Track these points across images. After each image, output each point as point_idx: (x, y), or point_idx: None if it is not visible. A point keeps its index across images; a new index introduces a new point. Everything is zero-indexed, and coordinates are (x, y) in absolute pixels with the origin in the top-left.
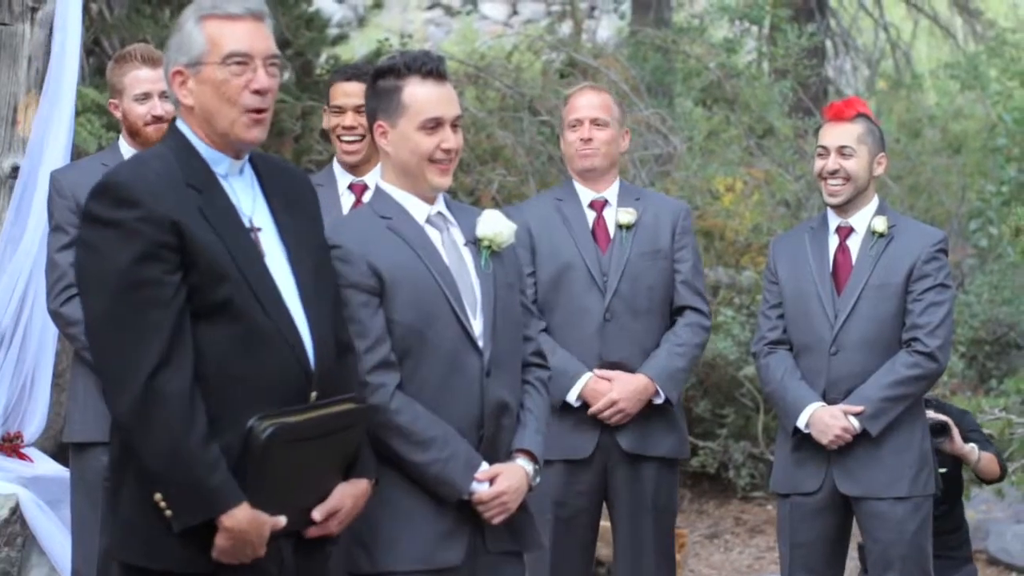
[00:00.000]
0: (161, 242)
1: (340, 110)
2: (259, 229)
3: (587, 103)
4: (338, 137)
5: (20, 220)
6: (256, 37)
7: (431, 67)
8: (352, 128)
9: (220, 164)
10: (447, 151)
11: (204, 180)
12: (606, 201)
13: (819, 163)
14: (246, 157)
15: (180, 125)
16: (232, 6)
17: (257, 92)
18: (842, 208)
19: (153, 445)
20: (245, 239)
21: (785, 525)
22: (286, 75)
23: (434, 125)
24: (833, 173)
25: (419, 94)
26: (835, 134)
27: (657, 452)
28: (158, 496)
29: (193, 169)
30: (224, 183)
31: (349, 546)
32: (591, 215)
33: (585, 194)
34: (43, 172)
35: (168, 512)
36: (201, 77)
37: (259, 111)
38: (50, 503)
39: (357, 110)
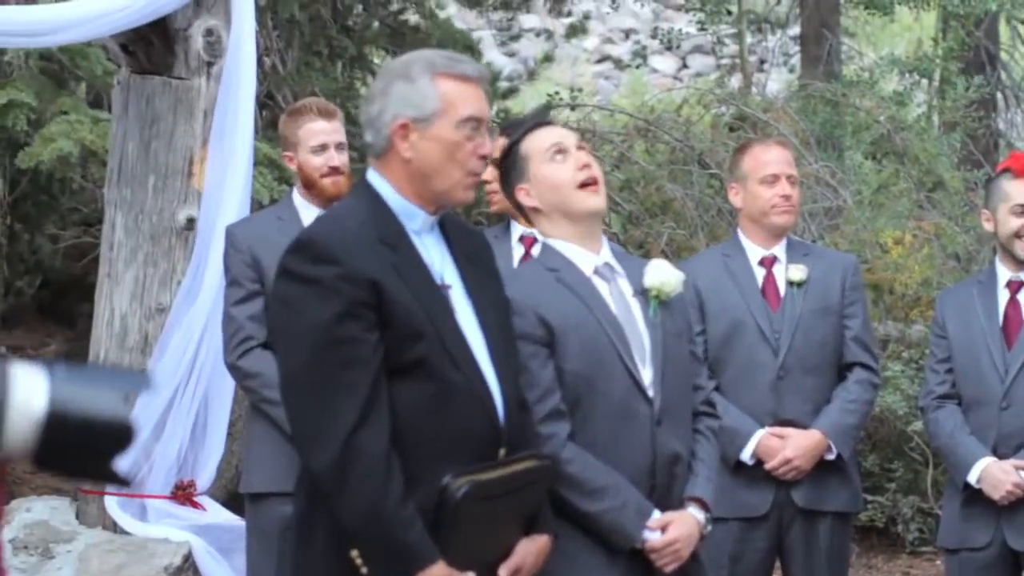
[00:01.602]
0: (360, 300)
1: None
2: (449, 286)
3: (782, 158)
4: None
5: (198, 273)
6: (485, 102)
7: (534, 122)
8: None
9: (414, 219)
10: (584, 167)
11: (396, 237)
12: (775, 258)
13: (1016, 222)
14: (439, 215)
15: (372, 177)
16: (468, 67)
17: (482, 157)
18: (1021, 263)
19: (352, 503)
20: (438, 297)
21: None
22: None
23: (558, 150)
24: None
25: (531, 141)
26: None
27: (832, 507)
28: (354, 553)
29: (386, 225)
30: (416, 239)
31: None
32: (760, 272)
33: (754, 251)
34: (219, 225)
35: (364, 569)
36: (429, 134)
37: (477, 174)
38: (222, 551)
39: None
